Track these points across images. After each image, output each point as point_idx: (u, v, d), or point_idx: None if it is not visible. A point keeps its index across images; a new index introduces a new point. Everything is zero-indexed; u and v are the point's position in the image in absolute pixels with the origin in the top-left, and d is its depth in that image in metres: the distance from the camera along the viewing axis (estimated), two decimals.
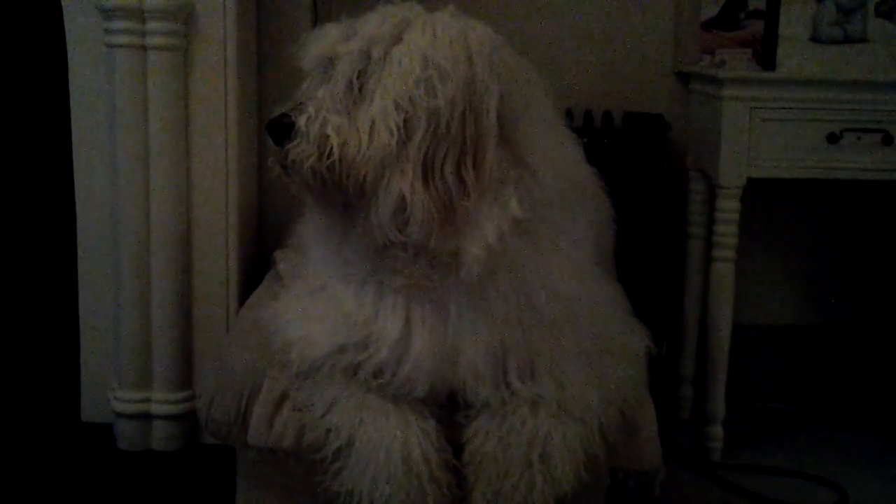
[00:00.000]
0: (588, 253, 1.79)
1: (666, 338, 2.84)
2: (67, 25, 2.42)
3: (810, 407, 3.03)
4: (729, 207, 2.56)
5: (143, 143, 2.37)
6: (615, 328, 1.83)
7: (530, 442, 1.61)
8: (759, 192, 2.78)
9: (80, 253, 2.50)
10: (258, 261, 2.62)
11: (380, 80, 1.52)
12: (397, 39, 1.54)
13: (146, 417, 2.46)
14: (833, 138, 2.49)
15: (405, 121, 1.51)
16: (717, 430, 2.66)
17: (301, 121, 1.54)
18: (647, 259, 2.82)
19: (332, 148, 1.51)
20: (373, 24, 1.55)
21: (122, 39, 2.32)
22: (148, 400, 2.45)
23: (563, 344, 1.67)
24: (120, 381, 2.47)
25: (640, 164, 2.78)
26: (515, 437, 1.61)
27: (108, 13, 2.31)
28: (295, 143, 1.54)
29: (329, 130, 1.52)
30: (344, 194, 1.55)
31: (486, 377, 1.63)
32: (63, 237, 2.56)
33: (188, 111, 2.40)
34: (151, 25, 2.31)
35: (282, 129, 1.55)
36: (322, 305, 1.72)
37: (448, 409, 1.69)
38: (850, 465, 2.67)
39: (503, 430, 1.62)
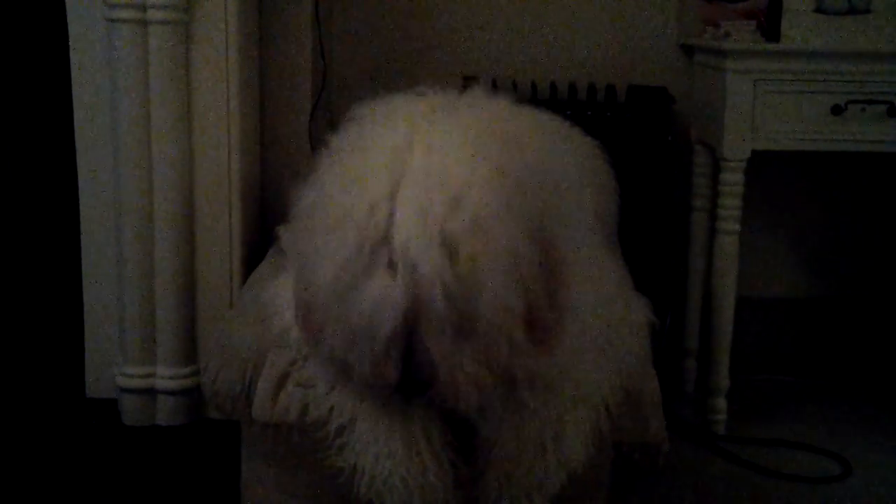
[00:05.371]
0: (591, 228, 1.78)
1: (670, 311, 2.84)
2: (68, 1, 2.41)
3: (814, 379, 3.04)
4: (733, 180, 2.56)
5: (145, 118, 2.36)
6: (618, 303, 1.82)
7: (543, 424, 1.61)
8: (763, 165, 2.77)
9: (83, 228, 2.50)
10: (261, 236, 2.62)
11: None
12: (393, 197, 1.37)
13: (150, 392, 2.47)
14: (837, 110, 2.48)
15: None
16: (721, 403, 2.67)
17: None
18: (651, 232, 2.82)
19: None
20: (372, 181, 1.39)
21: (123, 14, 2.31)
22: (152, 375, 2.46)
23: (566, 321, 1.66)
24: (124, 357, 2.48)
25: (643, 136, 2.77)
26: (528, 419, 1.61)
27: None
28: None
29: None
30: None
31: None
32: (66, 213, 2.56)
33: (190, 87, 2.39)
34: (152, 0, 2.30)
35: None
36: None
37: None
38: (855, 438, 2.67)
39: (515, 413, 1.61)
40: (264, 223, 2.65)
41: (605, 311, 1.75)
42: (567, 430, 1.61)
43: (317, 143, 2.67)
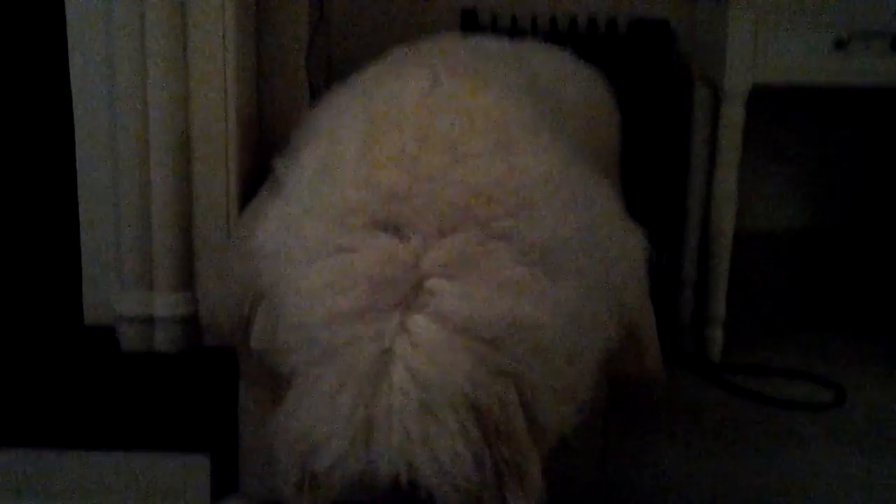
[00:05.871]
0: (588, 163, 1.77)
1: (668, 246, 2.85)
2: None
3: (810, 311, 3.05)
4: (733, 113, 2.55)
5: (140, 50, 2.34)
6: (614, 235, 1.82)
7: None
8: (763, 101, 2.76)
9: (78, 156, 2.49)
10: (258, 168, 2.61)
11: None
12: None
13: (148, 320, 2.48)
14: (841, 44, 2.46)
15: None
16: (717, 333, 2.69)
17: None
18: (652, 165, 2.82)
19: None
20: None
21: None
22: (150, 302, 2.47)
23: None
24: (122, 285, 2.48)
25: (645, 68, 2.76)
26: None
27: None
28: None
29: None
30: None
31: None
32: (62, 141, 2.55)
33: (185, 18, 2.36)
34: None
35: None
36: None
37: None
38: (849, 367, 2.70)
39: None
40: (261, 152, 2.64)
41: (601, 246, 1.74)
42: (574, 367, 1.62)
43: (314, 73, 2.66)
